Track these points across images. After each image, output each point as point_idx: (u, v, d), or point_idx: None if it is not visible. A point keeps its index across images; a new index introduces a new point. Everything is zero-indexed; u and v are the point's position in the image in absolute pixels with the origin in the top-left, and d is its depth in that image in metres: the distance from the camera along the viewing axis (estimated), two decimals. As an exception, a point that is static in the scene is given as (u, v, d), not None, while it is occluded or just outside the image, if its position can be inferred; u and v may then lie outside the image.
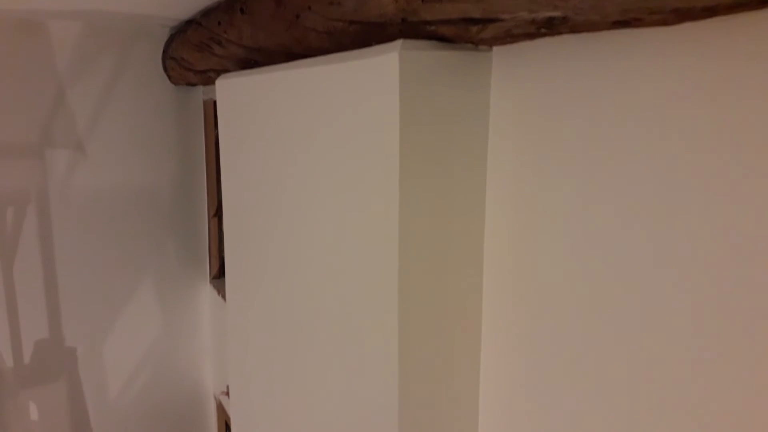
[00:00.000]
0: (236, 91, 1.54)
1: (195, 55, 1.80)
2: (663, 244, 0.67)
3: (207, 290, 2.53)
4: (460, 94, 0.90)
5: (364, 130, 0.94)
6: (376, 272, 0.95)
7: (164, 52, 2.23)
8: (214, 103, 2.34)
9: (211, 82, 1.95)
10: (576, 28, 0.71)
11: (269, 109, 1.33)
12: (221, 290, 2.35)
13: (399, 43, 0.83)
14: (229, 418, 2.41)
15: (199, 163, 2.48)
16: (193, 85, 2.28)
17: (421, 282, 0.92)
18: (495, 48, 0.90)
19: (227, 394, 2.40)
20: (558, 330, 0.83)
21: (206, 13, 1.65)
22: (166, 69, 2.25)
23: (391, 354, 0.93)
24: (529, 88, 0.84)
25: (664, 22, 0.63)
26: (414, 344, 0.94)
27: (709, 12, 0.58)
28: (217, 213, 2.46)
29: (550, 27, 0.71)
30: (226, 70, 1.68)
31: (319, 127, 1.09)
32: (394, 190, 0.86)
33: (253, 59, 1.41)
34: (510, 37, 0.79)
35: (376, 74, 0.88)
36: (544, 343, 0.86)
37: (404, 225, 0.87)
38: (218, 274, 2.51)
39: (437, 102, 0.87)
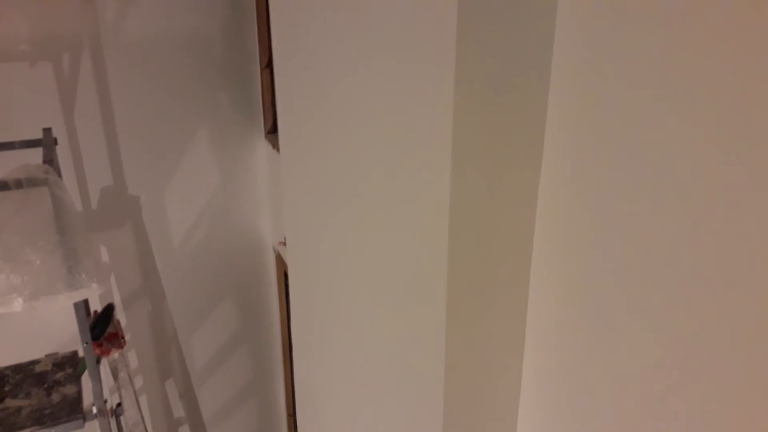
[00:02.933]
0: None
1: None
2: None
3: (262, 144, 2.52)
4: None
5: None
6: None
7: None
8: (263, -60, 2.18)
9: None
10: None
11: None
12: (276, 144, 2.34)
13: None
14: (287, 268, 2.49)
15: (250, 10, 2.37)
16: None
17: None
18: None
19: (284, 244, 2.46)
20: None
21: None
22: None
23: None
24: None
25: None
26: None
27: None
28: (269, 64, 2.39)
29: None
30: None
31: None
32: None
33: None
34: None
35: None
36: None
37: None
38: (272, 129, 2.49)
39: None
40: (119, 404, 2.24)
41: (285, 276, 2.64)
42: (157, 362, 2.65)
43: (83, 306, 1.75)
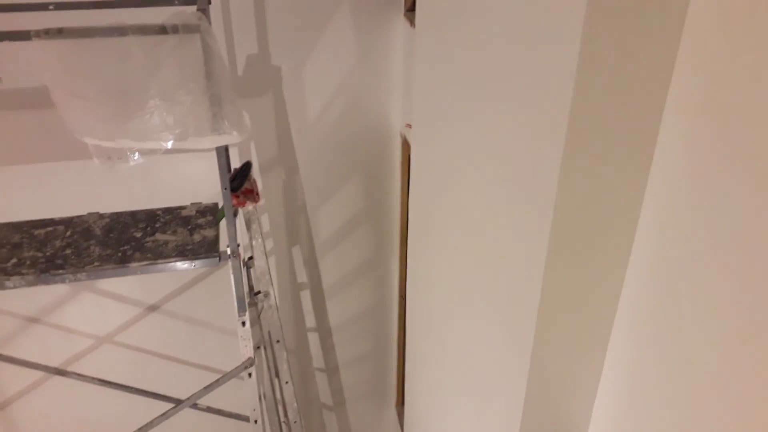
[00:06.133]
0: None
1: None
2: None
3: (401, 21, 2.50)
4: None
5: None
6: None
7: None
8: None
9: None
10: None
11: None
12: (413, 21, 2.30)
13: None
14: (411, 151, 2.51)
15: None
16: None
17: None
18: None
19: (410, 127, 2.47)
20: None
21: None
22: None
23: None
24: None
25: None
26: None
27: None
28: (415, -64, 2.32)
29: None
30: None
31: None
32: None
33: None
34: None
35: None
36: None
37: None
38: (412, 6, 2.44)
39: None
40: (250, 257, 2.45)
41: (408, 161, 2.68)
42: (286, 229, 2.84)
43: (224, 153, 1.89)
